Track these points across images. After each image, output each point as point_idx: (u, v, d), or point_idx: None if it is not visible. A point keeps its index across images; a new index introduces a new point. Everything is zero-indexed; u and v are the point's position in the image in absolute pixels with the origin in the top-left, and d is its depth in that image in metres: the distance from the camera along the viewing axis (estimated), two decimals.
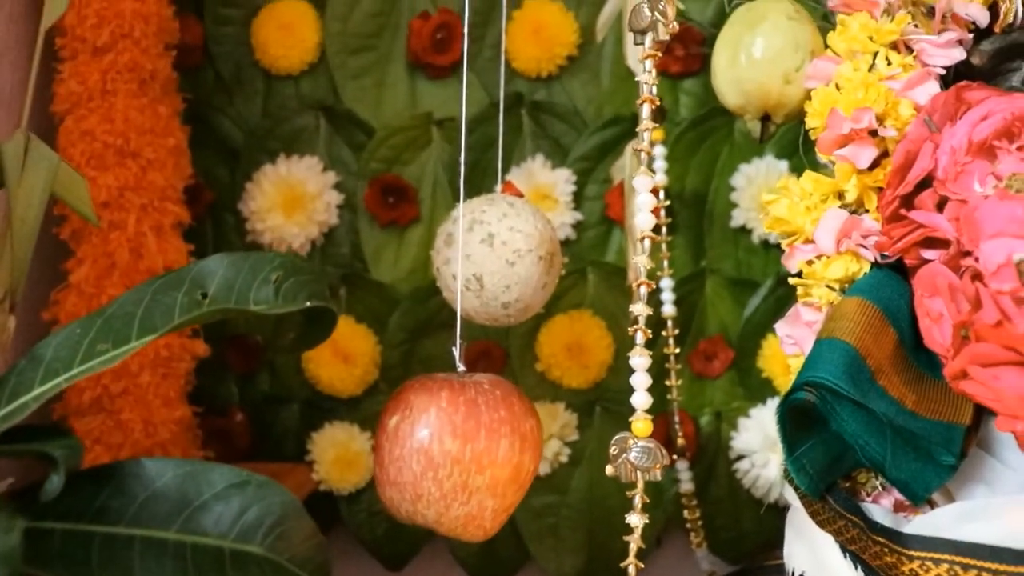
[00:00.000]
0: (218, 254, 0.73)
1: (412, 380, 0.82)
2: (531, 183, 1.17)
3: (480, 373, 0.84)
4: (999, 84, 0.95)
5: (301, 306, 0.71)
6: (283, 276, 0.73)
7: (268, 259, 0.73)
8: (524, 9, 1.18)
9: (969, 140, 0.79)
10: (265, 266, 0.73)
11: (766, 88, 0.92)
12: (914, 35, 0.91)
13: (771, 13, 0.92)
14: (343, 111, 1.20)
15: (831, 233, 0.86)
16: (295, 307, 0.71)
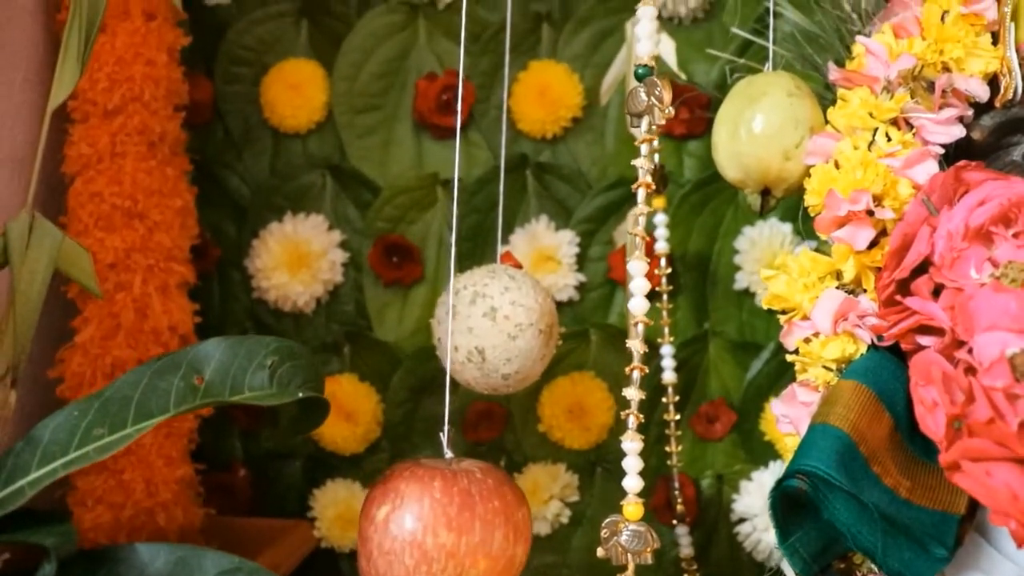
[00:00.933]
0: (215, 338, 0.74)
1: (399, 466, 0.80)
2: (534, 245, 1.17)
3: (469, 460, 0.84)
4: (1000, 158, 0.95)
5: (293, 396, 0.72)
6: (278, 361, 0.73)
7: (263, 343, 0.74)
8: (530, 71, 1.19)
9: (966, 225, 0.79)
10: (260, 351, 0.73)
11: (766, 164, 0.92)
12: (914, 112, 0.91)
13: (771, 89, 0.93)
14: (349, 170, 1.21)
15: (828, 313, 0.86)
16: (288, 396, 0.72)
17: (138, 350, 1.04)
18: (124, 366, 1.02)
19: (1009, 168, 0.95)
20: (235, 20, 1.21)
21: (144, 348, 1.04)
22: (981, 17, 0.98)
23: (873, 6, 1.06)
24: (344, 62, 1.20)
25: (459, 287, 0.94)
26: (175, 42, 1.11)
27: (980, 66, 0.96)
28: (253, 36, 1.21)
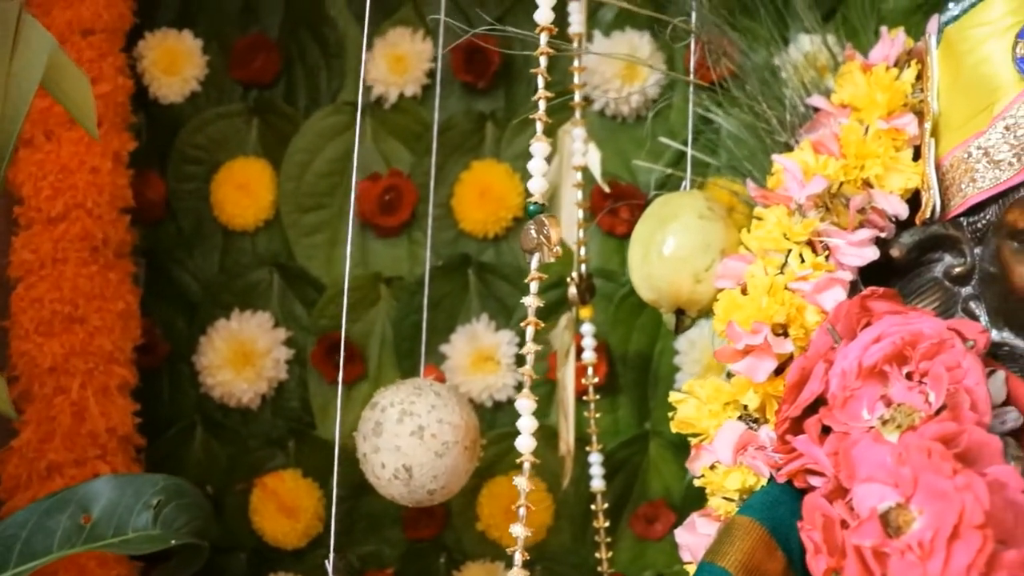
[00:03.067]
0: (105, 476, 0.75)
1: None
2: (474, 345, 1.17)
3: None
4: (921, 275, 0.94)
5: (166, 543, 0.72)
6: (164, 501, 0.73)
7: (152, 482, 0.74)
8: (472, 171, 1.19)
9: (859, 364, 0.78)
10: (148, 489, 0.74)
11: (676, 287, 0.91)
12: (828, 233, 0.90)
13: (683, 211, 0.92)
14: (295, 268, 1.21)
15: (728, 444, 0.85)
16: (161, 543, 0.72)
17: (75, 452, 1.04)
18: (60, 469, 1.03)
19: (929, 285, 0.94)
20: (188, 119, 1.22)
21: (81, 450, 1.05)
22: (902, 132, 0.97)
23: (800, 117, 1.05)
24: (291, 162, 1.21)
25: (385, 404, 0.94)
26: (122, 147, 1.13)
27: (901, 182, 0.95)
28: (205, 135, 1.22)
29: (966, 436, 0.71)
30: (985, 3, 0.94)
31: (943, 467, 0.66)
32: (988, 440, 0.74)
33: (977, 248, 0.91)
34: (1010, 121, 0.88)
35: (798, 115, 1.06)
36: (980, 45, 0.92)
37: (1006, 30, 0.91)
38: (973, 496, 0.65)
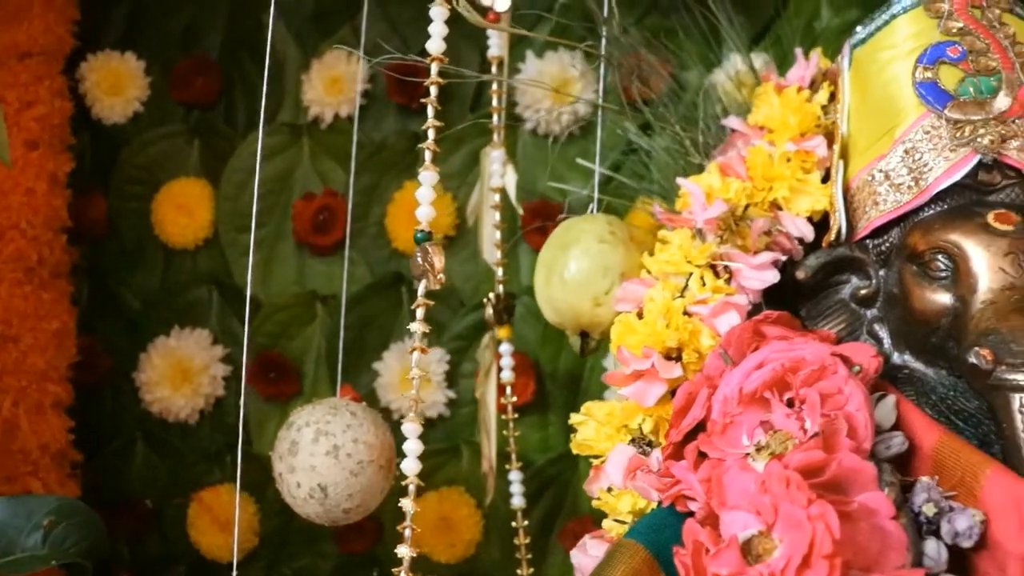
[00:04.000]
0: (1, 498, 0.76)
1: None
2: (405, 362, 1.18)
3: None
4: (829, 297, 0.93)
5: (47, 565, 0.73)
6: (55, 521, 0.74)
7: (45, 502, 0.75)
8: (404, 190, 1.20)
9: (740, 390, 0.78)
10: (41, 509, 0.75)
11: (577, 310, 0.92)
12: (730, 256, 0.90)
13: (584, 236, 0.92)
14: (234, 286, 1.22)
15: (619, 467, 0.85)
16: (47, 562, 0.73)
17: (6, 469, 1.06)
18: None
19: (836, 307, 0.93)
20: (130, 139, 1.24)
21: (12, 467, 1.06)
22: (812, 154, 0.97)
23: (714, 138, 1.05)
24: (229, 182, 1.22)
25: (301, 423, 0.95)
26: (59, 168, 1.15)
27: (808, 204, 0.95)
28: (146, 155, 1.23)
29: (835, 464, 0.71)
30: (890, 27, 0.94)
31: (799, 496, 0.67)
32: (862, 467, 0.74)
33: (882, 270, 0.90)
34: (908, 145, 0.88)
35: (714, 137, 1.06)
36: (885, 68, 0.92)
37: (908, 54, 0.91)
38: (824, 526, 0.65)
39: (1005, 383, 0.76)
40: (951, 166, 0.86)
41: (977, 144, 0.85)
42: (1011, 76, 0.88)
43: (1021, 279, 0.82)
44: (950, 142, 0.86)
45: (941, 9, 0.92)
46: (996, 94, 0.88)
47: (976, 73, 0.88)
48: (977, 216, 0.85)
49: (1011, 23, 0.92)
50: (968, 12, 0.92)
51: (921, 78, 0.89)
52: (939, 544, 0.73)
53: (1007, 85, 0.88)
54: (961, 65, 0.89)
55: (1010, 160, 0.86)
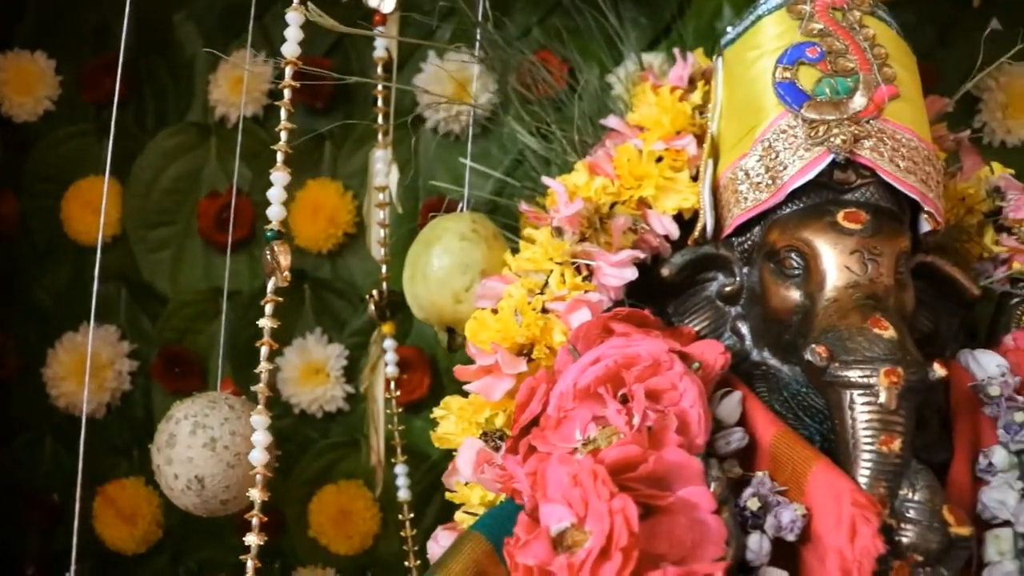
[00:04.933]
0: None
1: None
2: (305, 358, 1.19)
3: None
4: (697, 294, 0.94)
5: None
6: None
7: None
8: (307, 189, 1.21)
9: (575, 385, 0.79)
10: None
11: (439, 306, 0.93)
12: (591, 254, 0.91)
13: (446, 234, 0.93)
14: (141, 283, 1.24)
15: (468, 461, 0.86)
16: None
17: None
18: None
19: (702, 304, 0.94)
20: (41, 138, 1.25)
21: None
22: (683, 153, 0.97)
23: (594, 137, 1.06)
24: (136, 179, 1.24)
25: (179, 416, 0.97)
26: None
27: (676, 203, 0.96)
28: (57, 154, 1.25)
29: (652, 459, 0.72)
30: (756, 27, 0.94)
31: (603, 490, 0.68)
32: (687, 462, 0.74)
33: (745, 268, 0.91)
34: (767, 144, 0.89)
35: (593, 136, 1.07)
36: (750, 68, 0.92)
37: (770, 54, 0.91)
38: (623, 519, 0.66)
39: (837, 380, 0.76)
40: (805, 165, 0.87)
41: (830, 143, 0.86)
42: (868, 77, 0.89)
43: (865, 277, 0.82)
44: (805, 141, 0.87)
45: (803, 11, 0.92)
46: (853, 94, 0.88)
47: (833, 74, 0.89)
48: (828, 215, 0.85)
49: (872, 25, 0.93)
50: (829, 14, 0.92)
51: (780, 78, 0.90)
52: (762, 537, 0.74)
53: (864, 86, 0.89)
54: (819, 66, 0.90)
55: (863, 159, 0.86)
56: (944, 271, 0.92)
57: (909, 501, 0.72)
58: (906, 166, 0.87)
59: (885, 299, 0.81)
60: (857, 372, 0.76)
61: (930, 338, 0.93)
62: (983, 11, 1.26)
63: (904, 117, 0.89)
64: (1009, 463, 0.79)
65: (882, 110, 0.88)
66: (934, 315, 0.93)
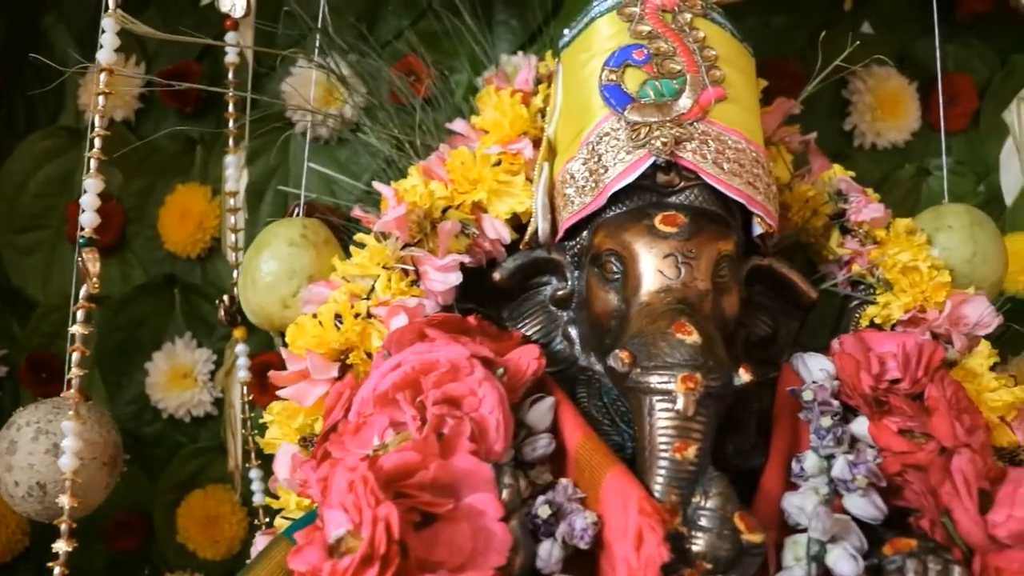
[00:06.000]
0: None
1: None
2: (172, 363, 1.17)
3: None
4: (531, 299, 0.93)
5: None
6: None
7: None
8: (176, 193, 1.20)
9: (374, 391, 0.78)
10: None
11: (268, 312, 0.92)
12: (418, 259, 0.90)
13: (275, 240, 0.92)
14: (11, 287, 1.21)
15: (284, 466, 0.85)
16: None
17: None
18: None
19: (535, 309, 0.93)
20: None
21: None
22: (519, 157, 0.96)
23: (438, 139, 1.05)
24: (6, 183, 1.22)
25: (21, 423, 0.95)
26: None
27: (509, 207, 0.95)
28: None
29: (433, 465, 0.71)
30: (589, 29, 0.93)
31: (370, 498, 0.67)
32: (477, 469, 0.73)
33: (577, 272, 0.90)
34: (590, 147, 0.88)
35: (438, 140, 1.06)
36: (581, 70, 0.91)
37: (600, 55, 0.90)
38: (384, 526, 0.65)
39: (638, 385, 0.75)
40: (626, 168, 0.86)
41: (652, 146, 0.85)
42: (696, 79, 0.88)
43: (678, 281, 0.81)
44: (627, 144, 0.86)
45: (633, 13, 0.91)
46: (678, 97, 0.87)
47: (659, 76, 0.88)
48: (646, 218, 0.84)
49: (703, 28, 0.91)
50: (659, 16, 0.91)
51: (606, 80, 0.89)
52: (554, 545, 0.73)
53: (691, 88, 0.87)
54: (645, 68, 0.88)
55: (685, 162, 0.85)
56: (781, 274, 0.90)
57: (701, 508, 0.71)
58: (731, 168, 0.86)
59: (698, 303, 0.80)
60: (656, 378, 0.75)
61: (768, 341, 0.92)
62: (855, 14, 1.25)
63: (731, 119, 0.88)
64: (819, 468, 0.78)
65: (707, 112, 0.86)
66: (773, 318, 0.92)
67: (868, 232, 0.95)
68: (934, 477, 0.76)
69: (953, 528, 0.74)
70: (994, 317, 0.91)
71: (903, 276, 0.92)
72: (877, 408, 0.81)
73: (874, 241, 0.95)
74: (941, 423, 0.79)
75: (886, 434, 0.80)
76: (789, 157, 1.00)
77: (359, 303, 0.86)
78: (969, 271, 0.97)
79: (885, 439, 0.80)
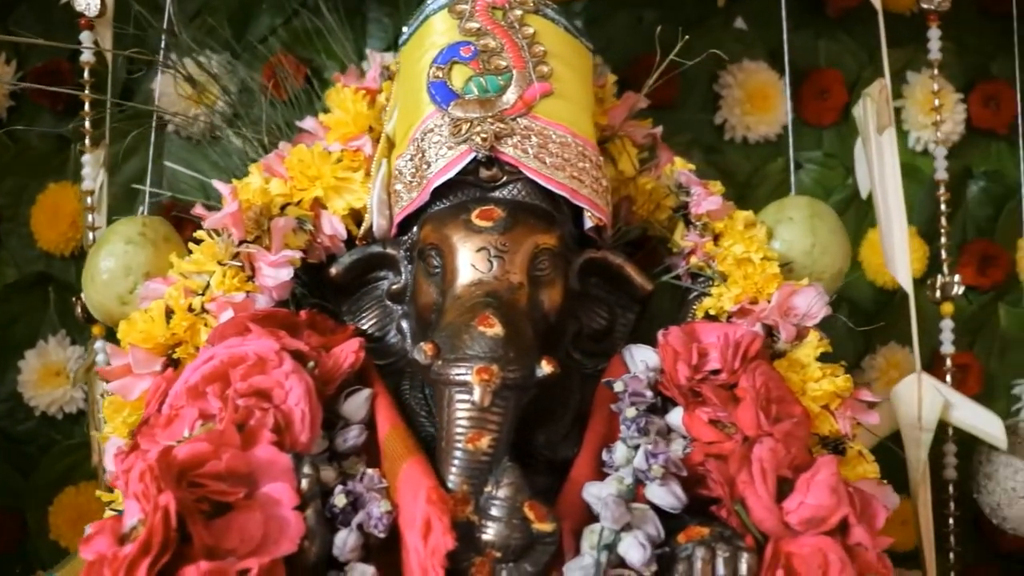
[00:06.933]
0: None
1: None
2: (44, 361, 1.19)
3: None
4: (369, 294, 0.94)
5: None
6: None
7: None
8: (47, 192, 1.21)
9: (186, 383, 0.79)
10: None
11: (107, 308, 0.93)
12: (253, 256, 0.91)
13: (114, 236, 0.93)
14: None
15: (111, 460, 0.87)
16: None
17: None
18: None
19: (372, 304, 0.94)
20: None
21: None
22: (360, 153, 0.98)
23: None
24: None
25: None
26: None
27: (348, 203, 0.96)
28: None
29: (227, 456, 0.72)
30: (424, 26, 0.94)
31: (151, 487, 0.68)
32: (276, 459, 0.75)
33: (410, 267, 0.92)
34: (416, 143, 0.89)
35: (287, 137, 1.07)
36: (414, 67, 0.93)
37: (431, 52, 0.92)
38: (163, 515, 0.66)
39: (439, 377, 0.77)
40: (447, 163, 0.87)
41: (472, 141, 0.86)
42: (522, 74, 0.89)
43: (490, 275, 0.83)
44: (448, 139, 0.87)
45: (463, 11, 0.93)
46: (503, 92, 0.89)
47: (484, 72, 0.89)
48: (465, 212, 0.85)
49: (534, 24, 0.93)
50: (489, 13, 0.93)
51: (433, 77, 0.90)
52: (350, 533, 0.74)
53: (516, 83, 0.89)
54: (471, 64, 0.90)
55: (506, 157, 0.87)
56: (616, 267, 0.92)
57: (493, 498, 0.73)
58: (554, 163, 0.88)
59: (510, 297, 0.82)
60: (456, 370, 0.76)
61: (604, 333, 0.94)
62: (728, 10, 1.27)
63: (557, 114, 0.89)
64: (627, 458, 0.79)
65: (532, 107, 0.88)
66: (609, 311, 0.94)
67: (707, 224, 0.97)
68: (733, 466, 0.77)
69: (746, 515, 0.75)
70: (823, 308, 0.92)
71: (737, 268, 0.94)
72: (693, 399, 0.83)
73: (713, 233, 0.97)
74: (745, 413, 0.80)
75: (698, 424, 0.81)
76: (634, 151, 1.02)
77: (194, 299, 0.88)
78: (809, 262, 0.98)
79: (696, 429, 0.81)
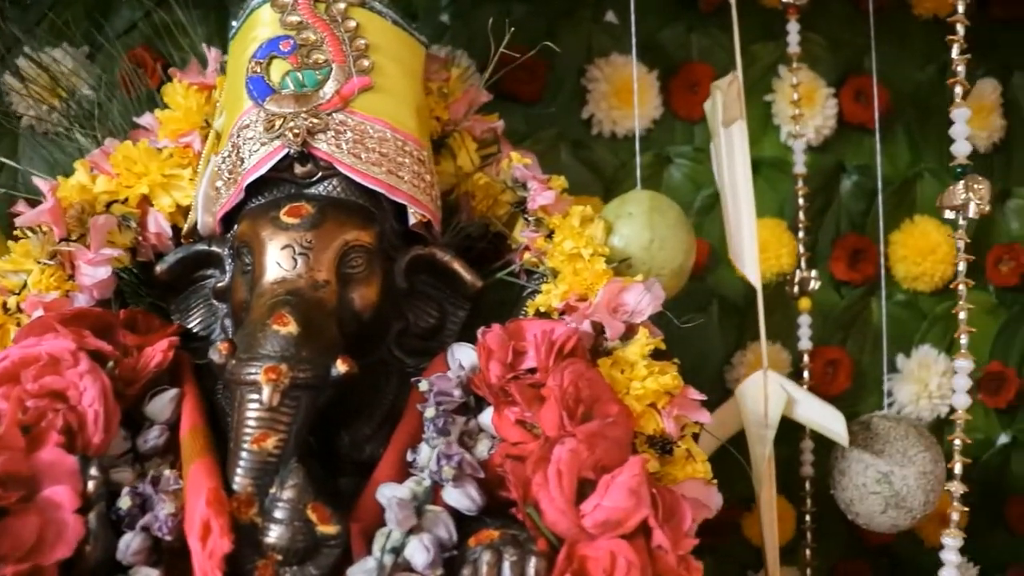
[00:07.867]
0: None
1: None
2: None
3: None
4: (197, 292, 0.93)
5: None
6: None
7: None
8: None
9: None
10: None
11: None
12: (71, 253, 0.91)
13: None
14: None
15: None
16: None
17: None
18: None
19: (198, 302, 0.93)
20: None
21: None
22: (190, 149, 0.97)
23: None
24: None
25: None
26: None
27: (175, 200, 0.95)
28: None
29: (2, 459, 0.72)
30: (249, 20, 0.93)
31: None
32: (61, 461, 0.74)
33: (233, 264, 0.91)
34: (233, 140, 0.88)
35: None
36: (237, 62, 0.92)
37: (252, 46, 0.91)
38: None
39: (232, 377, 0.76)
40: (260, 160, 0.86)
41: (284, 137, 0.85)
42: (342, 68, 0.88)
43: (293, 273, 0.82)
44: (262, 135, 0.86)
45: (285, 4, 0.92)
46: (321, 87, 0.88)
47: (302, 67, 0.88)
48: (274, 209, 0.85)
49: (358, 17, 0.92)
50: (311, 7, 0.92)
51: (251, 72, 0.89)
52: (135, 536, 0.74)
53: (335, 78, 0.88)
54: (290, 59, 0.89)
55: (320, 153, 0.86)
56: (443, 263, 0.91)
57: (277, 499, 0.72)
58: (371, 158, 0.87)
59: (312, 295, 0.81)
60: (247, 369, 0.75)
61: (434, 331, 0.93)
62: (598, 3, 1.26)
63: (377, 109, 0.89)
64: (429, 459, 0.78)
65: (349, 102, 0.87)
66: (440, 308, 0.93)
67: (541, 220, 0.96)
68: (530, 467, 0.76)
69: (539, 518, 0.74)
70: (652, 304, 0.91)
71: (567, 264, 0.93)
72: (503, 398, 0.82)
73: (549, 229, 0.96)
74: (548, 413, 0.79)
75: (506, 424, 0.81)
76: (473, 146, 1.01)
77: (9, 298, 0.87)
78: (647, 258, 0.98)
79: (504, 429, 0.81)
